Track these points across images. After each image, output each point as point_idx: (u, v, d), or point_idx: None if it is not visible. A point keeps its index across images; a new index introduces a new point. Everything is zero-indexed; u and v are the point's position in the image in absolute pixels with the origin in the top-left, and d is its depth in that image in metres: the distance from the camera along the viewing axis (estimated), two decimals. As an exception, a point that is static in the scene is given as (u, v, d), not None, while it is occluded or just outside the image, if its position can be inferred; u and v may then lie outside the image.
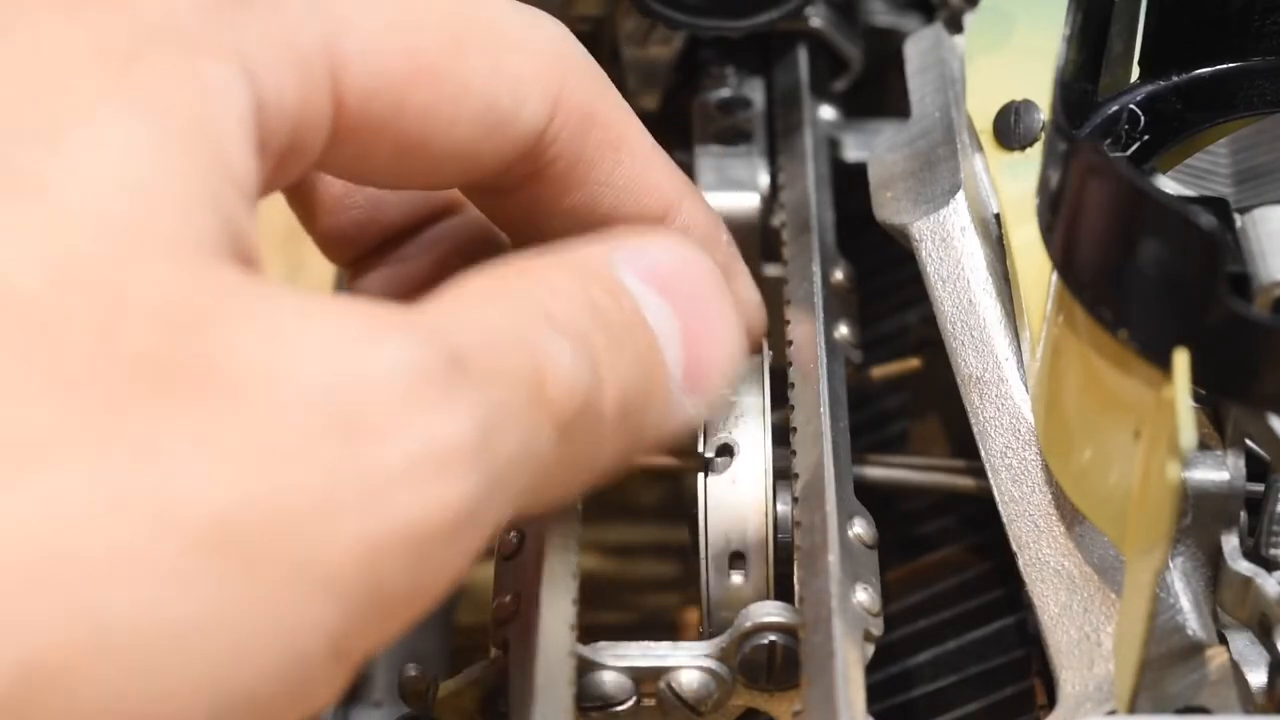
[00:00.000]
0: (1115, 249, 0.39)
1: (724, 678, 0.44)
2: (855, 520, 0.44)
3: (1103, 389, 0.41)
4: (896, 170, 0.52)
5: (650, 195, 0.44)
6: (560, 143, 0.42)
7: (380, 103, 0.38)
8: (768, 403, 0.46)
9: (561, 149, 0.42)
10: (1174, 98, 0.47)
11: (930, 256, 0.49)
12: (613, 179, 0.43)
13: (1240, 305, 0.38)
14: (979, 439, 0.46)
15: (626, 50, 0.58)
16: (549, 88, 0.41)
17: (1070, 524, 0.44)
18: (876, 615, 0.43)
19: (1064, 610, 0.44)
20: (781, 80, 0.58)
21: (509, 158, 0.41)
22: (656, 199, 0.44)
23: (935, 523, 0.55)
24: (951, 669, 0.50)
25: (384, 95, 0.38)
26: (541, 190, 0.43)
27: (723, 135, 0.57)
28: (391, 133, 0.39)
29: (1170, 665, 0.41)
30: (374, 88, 0.38)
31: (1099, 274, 0.39)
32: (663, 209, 0.44)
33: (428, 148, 0.40)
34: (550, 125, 0.41)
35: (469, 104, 0.40)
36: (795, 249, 0.52)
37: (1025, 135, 0.49)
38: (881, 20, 0.63)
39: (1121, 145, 0.46)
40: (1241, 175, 0.49)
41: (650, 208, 0.44)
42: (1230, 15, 0.47)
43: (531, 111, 0.41)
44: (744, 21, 0.55)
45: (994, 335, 0.48)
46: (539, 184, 0.43)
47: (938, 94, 0.53)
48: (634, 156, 0.43)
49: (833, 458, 0.45)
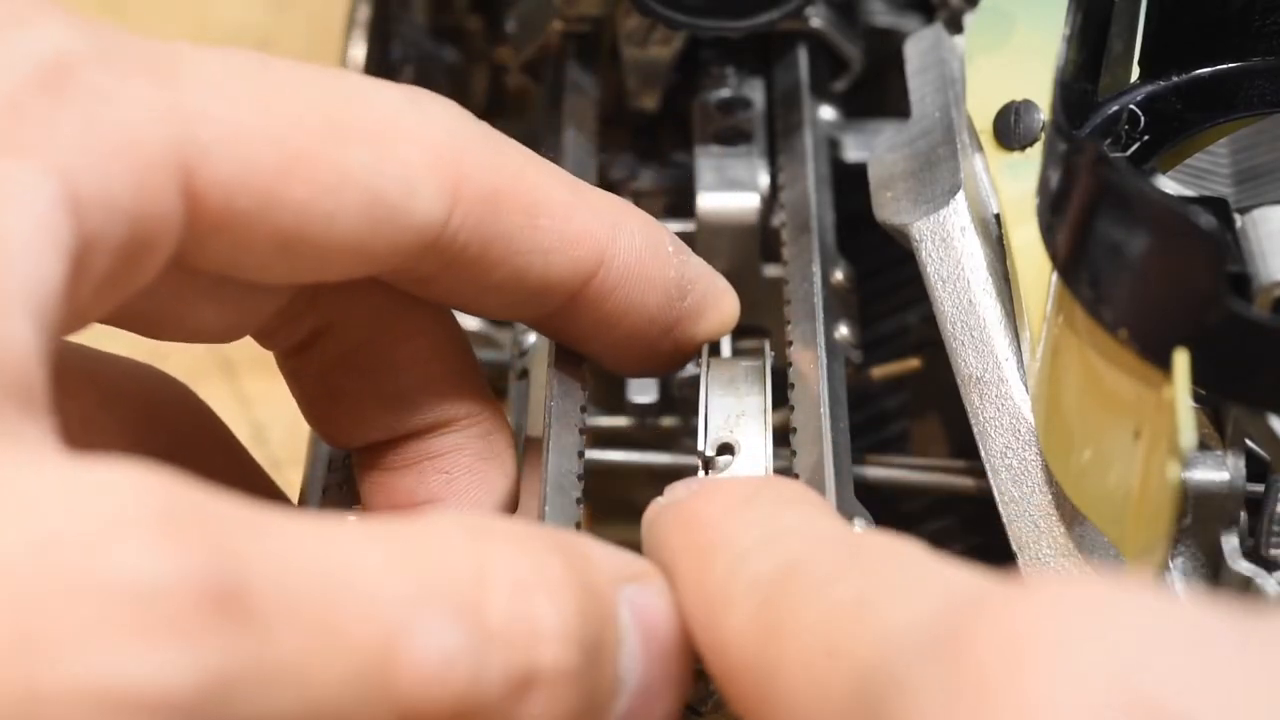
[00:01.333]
0: (1115, 249, 0.39)
1: (724, 678, 0.44)
2: (855, 521, 0.44)
3: (1103, 389, 0.41)
4: (896, 170, 0.52)
5: (580, 245, 0.42)
6: (468, 229, 0.40)
7: (248, 196, 0.36)
8: (768, 403, 0.46)
9: (471, 234, 0.40)
10: (1174, 98, 0.47)
11: (930, 256, 0.49)
12: (536, 245, 0.41)
13: (1240, 305, 0.38)
14: (979, 439, 0.46)
15: (626, 50, 0.58)
16: (445, 177, 0.39)
17: (1070, 524, 0.44)
18: (876, 615, 0.43)
19: (1064, 610, 0.44)
20: (781, 80, 0.58)
21: (409, 250, 0.39)
22: (588, 246, 0.42)
23: (935, 523, 0.55)
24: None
25: (252, 187, 0.36)
26: (463, 273, 0.41)
27: (723, 135, 0.57)
28: (266, 226, 0.37)
29: (1170, 665, 0.41)
30: (239, 180, 0.36)
31: (1099, 274, 0.39)
32: (596, 254, 0.43)
33: (309, 241, 0.38)
34: (453, 216, 0.40)
35: (350, 196, 0.38)
36: (795, 249, 0.52)
37: (1025, 135, 0.49)
38: (881, 20, 0.63)
39: (1121, 145, 0.46)
40: (1241, 175, 0.49)
41: (583, 258, 0.42)
42: (1230, 15, 0.47)
43: (427, 203, 0.39)
44: (744, 22, 0.55)
45: (994, 335, 0.48)
46: (459, 269, 0.41)
47: (938, 94, 0.53)
48: (553, 216, 0.42)
49: (833, 458, 0.45)
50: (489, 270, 0.41)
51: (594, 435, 0.56)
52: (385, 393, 0.44)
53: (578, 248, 0.42)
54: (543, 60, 0.60)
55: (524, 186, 0.41)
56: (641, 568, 0.38)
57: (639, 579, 0.37)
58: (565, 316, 0.44)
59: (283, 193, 0.37)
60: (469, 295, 0.42)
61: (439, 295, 0.43)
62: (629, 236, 0.43)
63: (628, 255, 0.43)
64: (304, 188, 0.37)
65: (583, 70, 0.58)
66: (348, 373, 0.44)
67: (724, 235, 0.55)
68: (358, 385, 0.44)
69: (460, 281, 0.41)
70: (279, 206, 0.37)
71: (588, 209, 0.43)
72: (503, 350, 0.58)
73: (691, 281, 0.45)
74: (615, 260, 0.43)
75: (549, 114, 0.58)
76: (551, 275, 0.42)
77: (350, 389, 0.45)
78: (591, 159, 0.56)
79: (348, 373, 0.44)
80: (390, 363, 0.44)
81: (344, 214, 0.38)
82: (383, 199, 0.38)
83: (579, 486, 0.45)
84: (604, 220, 0.43)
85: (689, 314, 0.45)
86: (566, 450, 0.45)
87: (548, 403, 0.46)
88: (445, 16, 0.66)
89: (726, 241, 0.55)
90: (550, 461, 0.45)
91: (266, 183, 0.37)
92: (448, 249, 0.40)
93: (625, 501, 0.56)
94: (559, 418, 0.46)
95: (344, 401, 0.45)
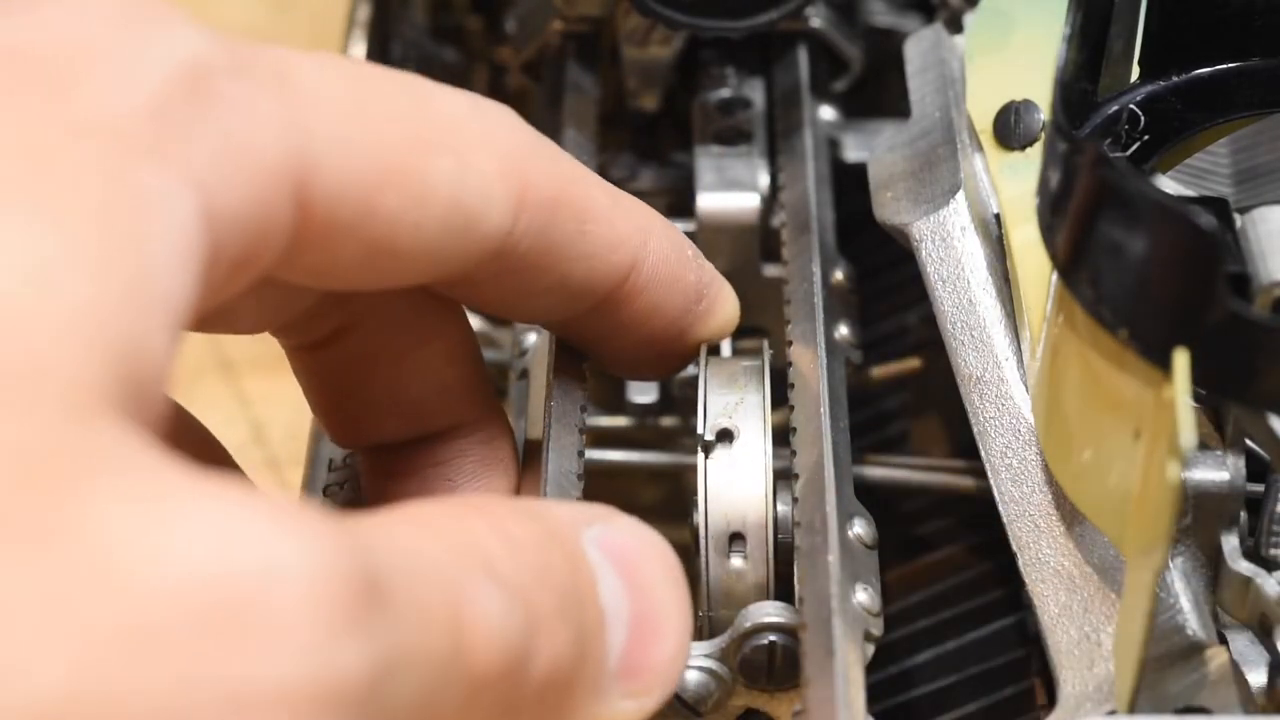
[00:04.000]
0: (1115, 249, 0.39)
1: (724, 678, 0.44)
2: (855, 520, 0.44)
3: (1103, 389, 0.41)
4: (896, 170, 0.52)
5: (619, 250, 0.43)
6: (530, 236, 0.40)
7: (348, 207, 0.36)
8: (768, 403, 0.46)
9: (532, 241, 0.40)
10: (1174, 98, 0.47)
11: (930, 256, 0.49)
12: (583, 251, 0.42)
13: (1240, 305, 0.38)
14: (979, 439, 0.46)
15: (626, 50, 0.58)
16: (513, 185, 0.39)
17: (1070, 524, 0.44)
18: (876, 615, 0.43)
19: (1064, 610, 0.44)
20: (781, 80, 0.58)
21: (477, 258, 0.40)
22: (624, 251, 0.43)
23: (935, 523, 0.55)
24: (951, 669, 0.50)
25: (352, 199, 0.36)
26: (514, 279, 0.41)
27: (723, 135, 0.57)
28: (359, 236, 0.37)
29: (1170, 665, 0.41)
30: (342, 192, 0.36)
31: (1099, 274, 0.39)
32: (631, 258, 0.43)
33: (395, 250, 0.38)
34: (517, 223, 0.40)
35: (435, 206, 0.38)
36: (795, 249, 0.52)
37: (1025, 135, 0.49)
38: (881, 20, 0.63)
39: (1121, 145, 0.46)
40: (1241, 175, 0.49)
41: (620, 263, 0.43)
42: (1230, 15, 0.47)
43: (499, 211, 0.39)
44: (744, 22, 0.55)
45: (994, 335, 0.48)
46: (511, 275, 0.41)
47: (938, 94, 0.53)
48: (598, 221, 0.42)
49: (833, 458, 0.45)
50: (539, 275, 0.42)
51: (594, 435, 0.56)
52: (398, 395, 0.45)
53: (616, 252, 0.43)
54: (543, 60, 0.60)
55: (576, 192, 0.41)
56: (601, 511, 0.38)
57: (600, 519, 0.38)
58: (588, 320, 0.44)
59: (378, 204, 0.37)
60: (512, 300, 0.43)
61: (482, 300, 0.43)
62: (658, 240, 0.44)
63: (656, 259, 0.44)
64: (396, 199, 0.37)
65: (583, 70, 0.58)
66: (363, 372, 0.44)
67: (724, 235, 0.55)
68: (371, 385, 0.44)
69: (508, 287, 0.42)
70: (373, 217, 0.37)
71: (624, 214, 0.43)
72: (503, 350, 0.58)
73: (707, 285, 0.45)
74: (645, 264, 0.43)
75: (549, 114, 0.58)
76: (593, 279, 0.43)
77: (363, 388, 0.45)
78: (591, 159, 0.56)
79: (363, 372, 0.44)
80: (406, 365, 0.44)
81: (429, 224, 0.38)
82: (462, 208, 0.38)
83: (579, 486, 0.45)
84: (638, 224, 0.43)
85: (702, 317, 0.46)
86: (566, 450, 0.45)
87: (548, 403, 0.46)
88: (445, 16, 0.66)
89: (726, 241, 0.55)
90: (550, 461, 0.45)
91: (365, 194, 0.37)
92: (509, 255, 0.40)
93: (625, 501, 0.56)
94: (559, 418, 0.46)
95: (355, 400, 0.45)
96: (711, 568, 0.44)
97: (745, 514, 0.45)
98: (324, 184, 0.36)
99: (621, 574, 0.37)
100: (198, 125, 0.33)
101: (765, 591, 0.45)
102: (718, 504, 0.45)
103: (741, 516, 0.45)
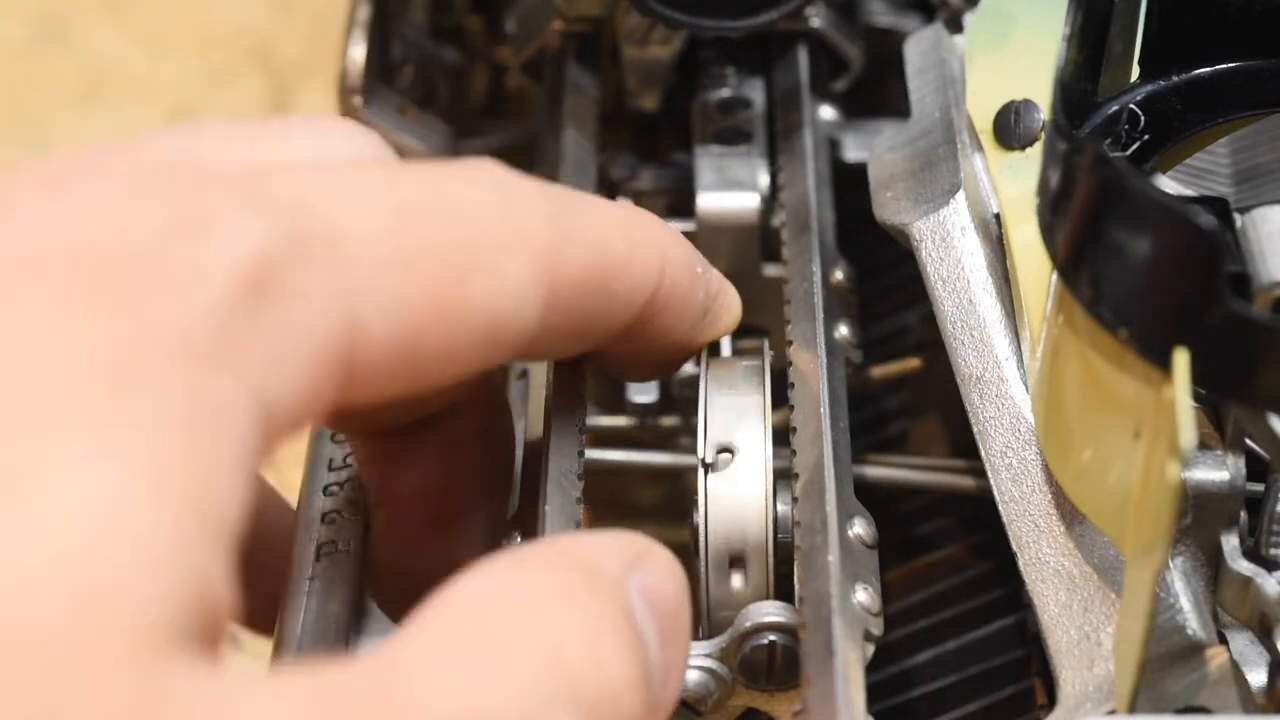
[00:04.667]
0: (1115, 249, 0.39)
1: (724, 678, 0.44)
2: (855, 520, 0.44)
3: (1103, 389, 0.41)
4: (896, 170, 0.52)
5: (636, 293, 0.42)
6: (559, 317, 0.40)
7: (394, 354, 0.36)
8: (768, 403, 0.46)
9: (560, 322, 0.40)
10: (1174, 98, 0.47)
11: (930, 256, 0.49)
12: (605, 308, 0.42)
13: (1240, 305, 0.38)
14: (979, 439, 0.46)
15: (626, 50, 0.58)
16: (544, 280, 0.39)
17: (1070, 524, 0.44)
18: (876, 615, 0.43)
19: (1064, 610, 0.44)
20: (781, 80, 0.58)
21: (510, 353, 0.40)
22: (642, 292, 0.42)
23: (935, 523, 0.55)
24: (951, 669, 0.50)
25: (398, 344, 0.36)
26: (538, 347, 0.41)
27: (723, 135, 0.57)
28: (400, 373, 0.37)
29: (1170, 665, 0.41)
30: (388, 342, 0.36)
31: (1099, 274, 0.39)
32: (647, 294, 0.42)
33: (432, 372, 0.38)
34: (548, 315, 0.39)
35: (474, 326, 0.38)
36: (795, 249, 0.52)
37: (1025, 135, 0.49)
38: (881, 20, 0.63)
39: (1121, 145, 0.46)
40: (1241, 175, 0.49)
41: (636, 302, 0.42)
42: (1230, 15, 0.47)
43: (531, 311, 0.39)
44: (744, 21, 0.55)
45: (994, 335, 0.48)
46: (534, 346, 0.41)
47: (938, 94, 0.53)
48: (618, 275, 0.41)
49: (833, 458, 0.45)
50: (560, 340, 0.42)
51: (594, 435, 0.56)
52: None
53: (634, 294, 0.42)
54: (543, 60, 0.60)
55: (597, 259, 0.41)
56: (642, 547, 0.38)
57: (642, 560, 0.37)
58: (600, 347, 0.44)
59: (422, 341, 0.37)
60: (527, 354, 0.43)
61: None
62: (673, 268, 0.43)
63: (670, 288, 0.43)
64: (438, 329, 0.37)
65: (583, 70, 0.58)
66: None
67: (724, 235, 0.55)
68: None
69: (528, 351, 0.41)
70: (417, 351, 0.37)
71: (640, 253, 0.42)
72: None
73: (713, 298, 0.45)
74: (659, 294, 0.43)
75: (549, 114, 0.58)
76: (610, 325, 0.42)
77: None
78: (591, 159, 0.56)
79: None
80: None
81: (467, 342, 0.38)
82: (498, 319, 0.38)
83: (579, 486, 0.45)
84: (654, 257, 0.43)
85: (707, 327, 0.46)
86: (566, 450, 0.45)
87: (548, 403, 0.46)
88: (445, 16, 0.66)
89: (726, 241, 0.55)
90: (550, 461, 0.45)
91: (410, 335, 0.37)
92: (538, 339, 0.40)
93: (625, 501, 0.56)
94: (559, 417, 0.46)
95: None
96: (712, 587, 0.44)
97: (746, 533, 0.45)
98: (373, 344, 0.36)
99: (657, 625, 0.37)
100: (259, 327, 0.33)
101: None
102: (718, 524, 0.44)
103: (742, 536, 0.44)
